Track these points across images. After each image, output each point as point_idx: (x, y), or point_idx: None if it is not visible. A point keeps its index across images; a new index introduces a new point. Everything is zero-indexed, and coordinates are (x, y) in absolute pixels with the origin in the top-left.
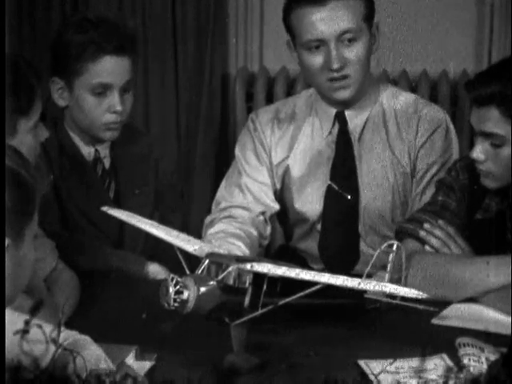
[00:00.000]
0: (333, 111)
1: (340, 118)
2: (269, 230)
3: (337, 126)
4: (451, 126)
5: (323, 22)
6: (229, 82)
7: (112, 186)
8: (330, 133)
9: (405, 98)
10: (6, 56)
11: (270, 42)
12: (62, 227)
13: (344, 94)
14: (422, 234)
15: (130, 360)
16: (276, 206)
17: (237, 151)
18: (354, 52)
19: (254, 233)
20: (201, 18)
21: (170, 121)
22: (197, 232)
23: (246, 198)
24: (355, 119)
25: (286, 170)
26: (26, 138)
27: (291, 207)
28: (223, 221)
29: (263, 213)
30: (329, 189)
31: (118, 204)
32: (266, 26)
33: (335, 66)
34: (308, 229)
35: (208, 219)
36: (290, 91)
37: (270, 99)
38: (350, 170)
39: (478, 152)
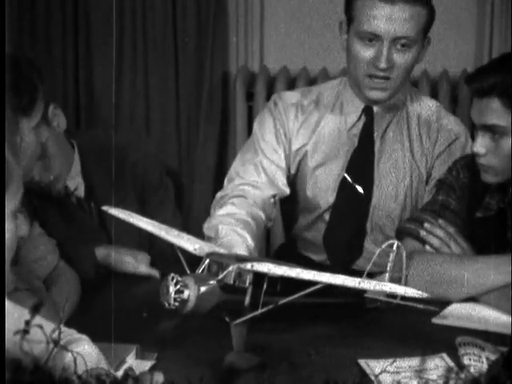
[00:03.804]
0: (361, 105)
1: (368, 113)
2: (275, 212)
3: (362, 120)
4: (470, 140)
5: (385, 20)
6: (229, 80)
7: (93, 208)
8: (354, 126)
9: (428, 105)
10: (7, 56)
11: (270, 40)
12: None
13: (378, 95)
14: (423, 233)
15: (131, 359)
16: (287, 190)
17: (255, 129)
18: (403, 58)
19: (263, 216)
20: (201, 16)
21: (171, 120)
22: (197, 231)
23: (260, 178)
24: (381, 117)
25: (304, 157)
26: (28, 137)
27: (303, 194)
28: (234, 201)
29: (274, 196)
30: (343, 181)
31: (104, 223)
32: (266, 24)
33: (382, 65)
34: (314, 218)
35: (219, 195)
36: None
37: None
38: (367, 166)
39: (479, 146)
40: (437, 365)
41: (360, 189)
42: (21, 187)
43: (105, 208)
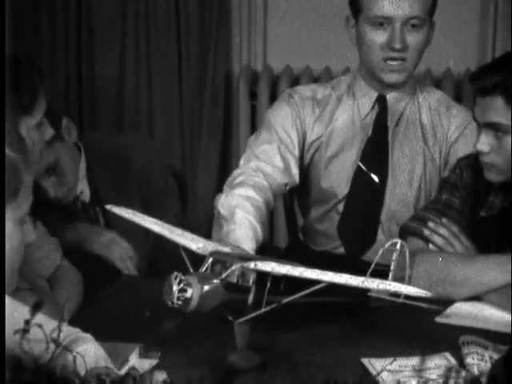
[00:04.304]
0: (374, 94)
1: (381, 101)
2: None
3: (376, 109)
4: None
5: (395, 2)
6: (232, 80)
7: (98, 212)
8: (367, 115)
9: (437, 96)
10: (7, 56)
11: (273, 40)
12: None
13: (396, 77)
14: (426, 232)
15: (134, 358)
16: (297, 180)
17: (269, 117)
18: (415, 38)
19: (272, 203)
20: (204, 17)
21: (174, 119)
22: (199, 230)
23: (277, 162)
24: (394, 105)
25: (318, 148)
26: (31, 135)
27: (317, 185)
28: (255, 181)
29: (286, 184)
30: (358, 170)
31: (109, 225)
32: (269, 24)
33: (397, 45)
34: (328, 209)
35: (237, 172)
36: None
37: (273, 98)
38: (381, 154)
39: (482, 144)
40: (438, 364)
41: (375, 177)
42: (30, 195)
43: (108, 207)
